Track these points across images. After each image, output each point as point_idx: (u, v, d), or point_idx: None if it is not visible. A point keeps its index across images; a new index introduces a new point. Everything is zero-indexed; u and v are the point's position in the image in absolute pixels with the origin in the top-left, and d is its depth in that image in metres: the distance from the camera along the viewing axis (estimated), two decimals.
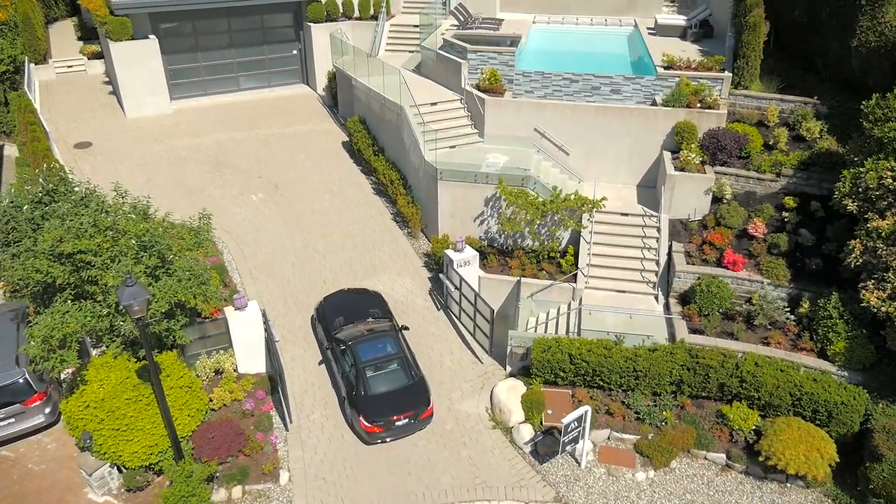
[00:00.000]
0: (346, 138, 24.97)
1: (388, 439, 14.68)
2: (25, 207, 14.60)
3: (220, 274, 18.02)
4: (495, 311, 16.30)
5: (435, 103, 21.13)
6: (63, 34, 32.39)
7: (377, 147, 22.73)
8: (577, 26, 27.85)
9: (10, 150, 25.37)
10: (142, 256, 13.93)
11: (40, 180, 15.24)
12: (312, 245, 19.93)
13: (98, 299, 14.09)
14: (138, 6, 24.02)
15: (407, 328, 16.82)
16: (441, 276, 18.33)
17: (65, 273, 13.68)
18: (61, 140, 23.36)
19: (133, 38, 24.41)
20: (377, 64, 22.48)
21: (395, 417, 14.42)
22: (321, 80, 28.05)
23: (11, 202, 14.89)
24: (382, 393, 14.73)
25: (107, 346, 14.71)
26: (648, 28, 26.22)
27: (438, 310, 18.46)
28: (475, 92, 20.59)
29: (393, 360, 15.25)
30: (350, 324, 16.07)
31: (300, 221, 20.74)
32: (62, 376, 15.54)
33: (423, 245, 20.54)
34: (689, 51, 22.86)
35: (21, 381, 14.43)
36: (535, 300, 18.07)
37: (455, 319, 18.07)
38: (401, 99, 20.62)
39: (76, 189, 15.59)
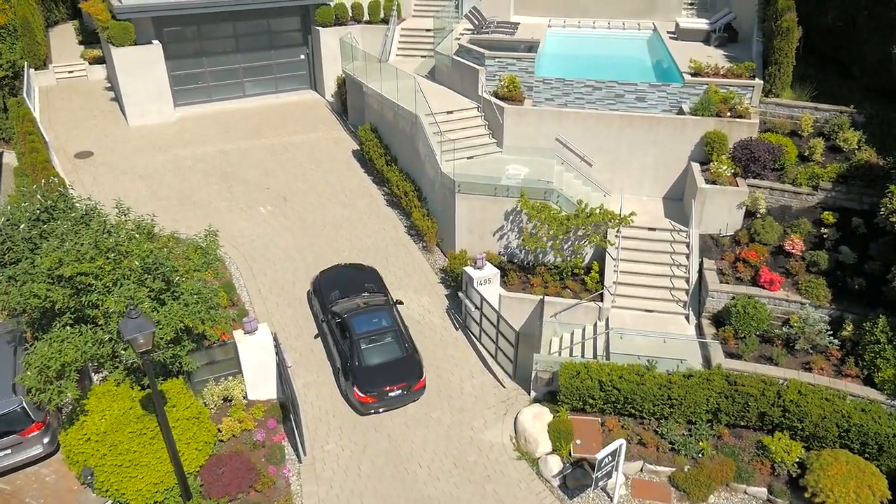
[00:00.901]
0: (357, 147, 24.10)
1: (380, 410, 15.03)
2: (22, 226, 13.73)
3: (228, 292, 17.15)
4: (519, 334, 15.40)
5: (451, 111, 20.25)
6: (64, 38, 31.57)
7: (390, 156, 21.85)
8: (594, 30, 26.96)
9: (10, 158, 24.55)
10: (146, 279, 13.08)
11: (38, 197, 14.37)
12: (324, 260, 19.03)
13: (99, 323, 13.23)
14: (141, 10, 23.16)
15: (401, 303, 17.29)
16: (460, 294, 17.44)
17: (64, 297, 12.85)
18: (61, 149, 22.51)
19: (136, 44, 23.55)
20: (391, 70, 21.59)
21: (388, 388, 14.75)
22: (330, 86, 27.18)
23: (8, 220, 14.03)
24: (376, 364, 15.08)
25: (109, 373, 13.85)
26: (669, 32, 25.34)
27: (457, 329, 17.57)
28: (493, 100, 19.70)
29: (387, 333, 15.58)
30: (345, 297, 16.41)
31: (310, 235, 19.85)
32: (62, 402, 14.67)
33: (439, 260, 19.65)
34: (715, 56, 21.95)
35: (18, 409, 13.57)
36: (559, 320, 17.18)
37: (475, 340, 17.18)
38: (416, 107, 19.74)
39: (77, 205, 14.76)
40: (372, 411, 14.99)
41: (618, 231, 17.30)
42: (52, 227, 13.86)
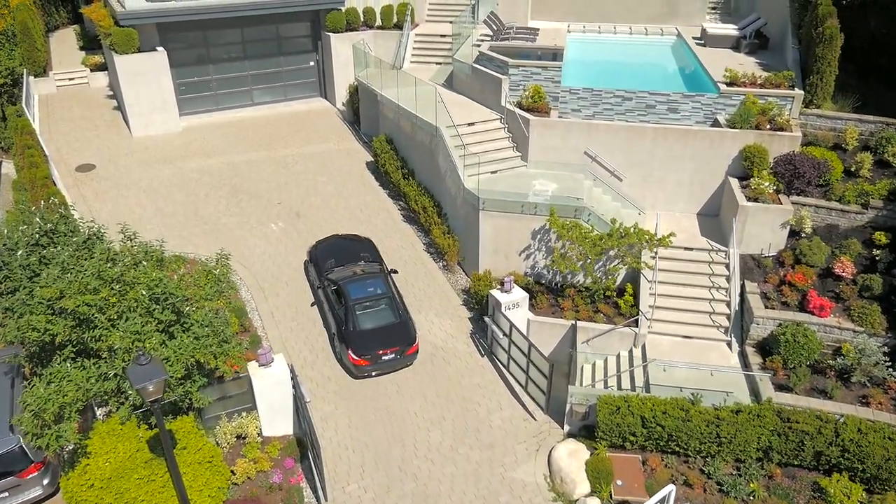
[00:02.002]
0: (371, 158, 23.07)
1: (373, 373, 15.40)
2: (20, 252, 12.69)
3: (239, 317, 16.12)
4: (553, 365, 14.36)
5: (472, 123, 19.22)
6: (64, 43, 30.56)
7: (406, 170, 20.81)
8: (616, 35, 25.99)
9: (8, 168, 23.54)
10: (154, 309, 12.04)
11: (38, 219, 13.34)
12: None
13: (103, 356, 12.19)
14: (146, 16, 22.12)
15: (396, 272, 17.64)
16: (486, 319, 16.40)
17: (65, 329, 11.83)
18: (62, 162, 21.47)
19: (140, 51, 22.51)
20: (408, 79, 20.55)
21: (381, 351, 15.14)
22: (341, 94, 26.15)
23: (5, 244, 13.00)
24: (370, 329, 15.46)
25: (114, 410, 12.81)
26: (694, 38, 24.36)
27: (482, 356, 16.53)
28: (518, 111, 18.66)
29: (381, 300, 15.92)
30: (341, 266, 16.74)
31: None
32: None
33: (461, 280, 18.61)
34: (747, 64, 20.96)
35: (16, 449, 12.56)
36: (592, 346, 16.15)
37: (502, 367, 16.15)
38: (436, 119, 18.71)
39: (79, 228, 13.73)
40: (365, 374, 15.41)
41: (655, 253, 16.25)
42: (53, 253, 12.84)
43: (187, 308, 12.47)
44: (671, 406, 13.58)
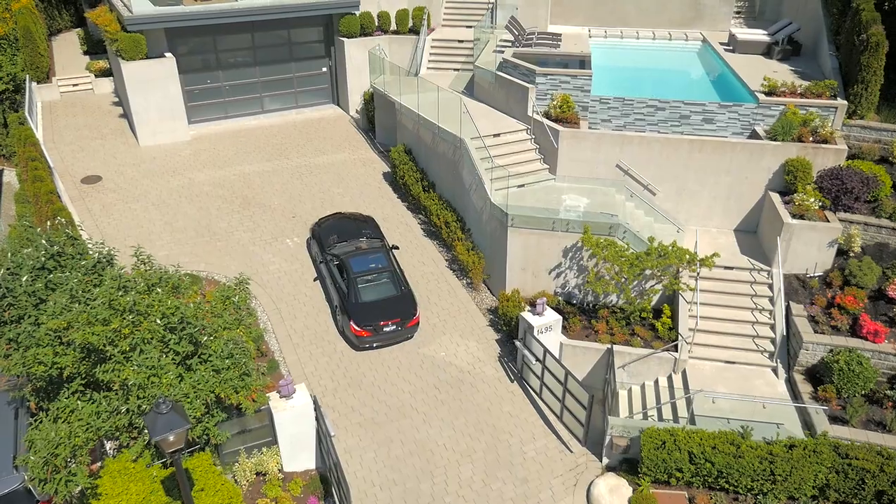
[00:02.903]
0: (387, 168, 22.20)
1: (374, 344, 15.62)
2: (25, 278, 11.80)
3: (256, 341, 15.23)
4: (593, 396, 13.48)
5: (498, 134, 18.34)
6: (67, 48, 29.68)
7: (427, 182, 19.93)
8: (639, 41, 25.18)
9: (10, 177, 22.69)
10: (169, 340, 11.17)
11: (43, 241, 12.45)
12: None
13: (114, 387, 11.32)
14: (154, 21, 21.25)
15: (397, 248, 17.94)
16: (517, 343, 15.52)
17: (74, 361, 10.99)
18: (66, 173, 20.57)
19: (147, 57, 21.64)
20: (430, 87, 19.65)
21: (383, 323, 15.37)
22: (354, 101, 25.29)
23: (8, 269, 12.11)
24: (372, 301, 15.73)
25: (125, 446, 11.93)
26: (721, 43, 23.53)
27: (512, 381, 15.66)
28: (546, 122, 17.78)
29: (383, 273, 16.22)
30: (343, 241, 17.03)
31: None
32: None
33: (487, 299, 17.73)
34: (781, 71, 20.12)
35: (20, 489, 11.71)
36: (629, 371, 15.28)
37: (534, 394, 15.28)
38: (461, 130, 17.83)
39: (88, 250, 12.84)
40: (367, 346, 15.62)
41: (696, 274, 15.35)
42: (60, 279, 11.95)
43: (205, 338, 11.60)
44: (721, 440, 12.72)
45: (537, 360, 14.85)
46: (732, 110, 17.65)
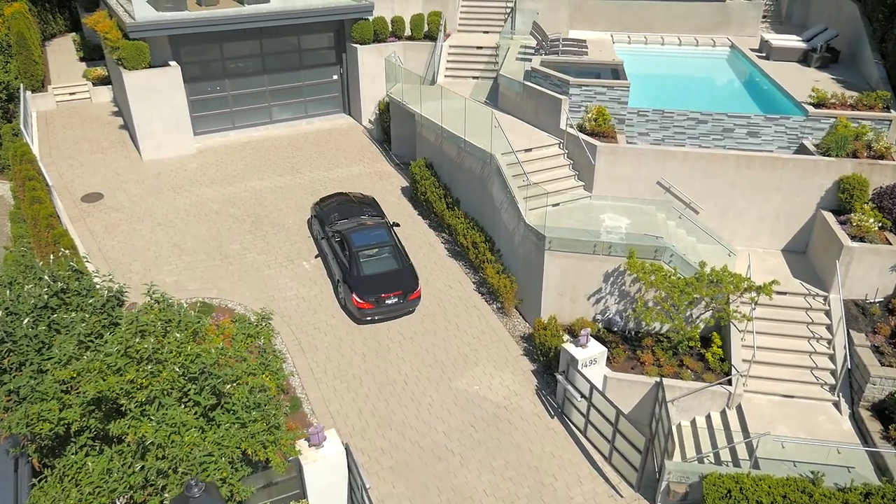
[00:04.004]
0: (405, 183, 21.05)
1: (376, 317, 15.78)
2: (26, 321, 10.59)
3: (276, 377, 14.02)
4: (650, 440, 12.38)
5: (529, 149, 17.22)
6: (63, 54, 28.41)
7: (451, 199, 18.78)
8: (664, 47, 24.17)
9: (3, 190, 21.38)
10: (189, 390, 9.99)
11: (46, 277, 11.23)
12: (384, 329, 15.98)
13: (127, 440, 10.13)
14: (158, 28, 19.99)
15: (398, 224, 18.13)
16: (559, 377, 14.40)
17: (83, 414, 9.83)
18: (65, 191, 19.30)
19: (151, 66, 20.39)
20: (455, 99, 18.47)
21: (384, 295, 15.53)
22: (367, 110, 24.11)
23: (7, 309, 10.88)
24: (374, 274, 15.89)
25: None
26: (752, 49, 22.54)
27: (552, 417, 14.55)
28: (582, 136, 16.67)
29: (384, 248, 16.41)
30: (345, 219, 17.18)
31: None
32: None
33: (519, 325, 16.61)
34: (823, 80, 19.13)
35: None
36: (679, 406, 14.19)
37: (577, 431, 14.17)
38: (491, 145, 16.70)
39: (95, 284, 11.63)
40: (368, 318, 15.76)
41: (754, 304, 14.25)
42: (65, 320, 10.75)
43: (228, 386, 10.43)
44: (791, 488, 11.65)
45: (582, 396, 13.74)
46: (779, 123, 16.63)
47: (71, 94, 25.19)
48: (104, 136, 22.48)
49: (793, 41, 21.34)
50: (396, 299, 15.68)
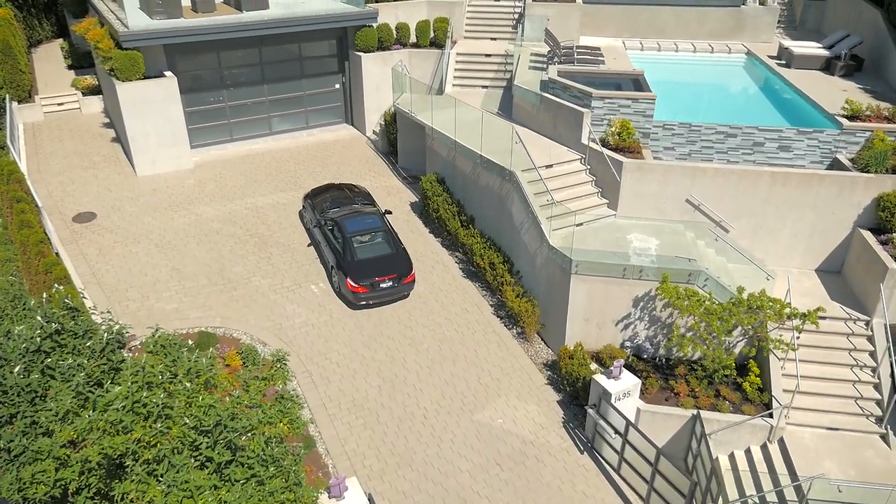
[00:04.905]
0: (414, 198, 20.12)
1: (371, 301, 15.82)
2: (17, 368, 9.55)
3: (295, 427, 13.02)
4: (696, 485, 11.52)
5: (550, 165, 16.35)
6: (50, 61, 27.23)
7: (465, 216, 17.87)
8: (678, 53, 23.40)
9: None
10: (201, 444, 9.01)
11: (38, 318, 10.19)
12: (400, 358, 15.04)
13: (130, 497, 9.13)
14: (153, 37, 18.93)
15: (390, 212, 18.31)
16: (589, 411, 13.54)
17: (83, 472, 8.85)
18: (55, 210, 18.18)
19: (146, 77, 19.32)
20: (470, 112, 17.57)
21: (379, 279, 15.65)
22: (371, 121, 23.15)
23: None
24: (368, 258, 16.06)
25: None
26: (771, 57, 21.83)
27: (581, 452, 13.68)
28: (606, 152, 15.81)
29: (377, 233, 16.57)
30: (337, 208, 17.29)
31: (377, 323, 15.82)
32: None
33: (542, 352, 15.74)
34: (850, 90, 18.43)
35: None
36: (716, 439, 13.36)
37: (609, 468, 13.31)
38: (511, 161, 15.80)
39: (94, 323, 10.60)
40: (363, 303, 15.81)
41: (798, 333, 13.44)
42: (60, 366, 9.72)
43: (243, 438, 9.46)
44: None
45: (616, 432, 12.88)
46: (812, 137, 15.88)
47: (59, 104, 24.03)
48: (95, 150, 21.36)
49: (814, 48, 20.64)
50: (391, 283, 15.79)
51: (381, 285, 15.69)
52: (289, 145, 22.66)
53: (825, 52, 20.18)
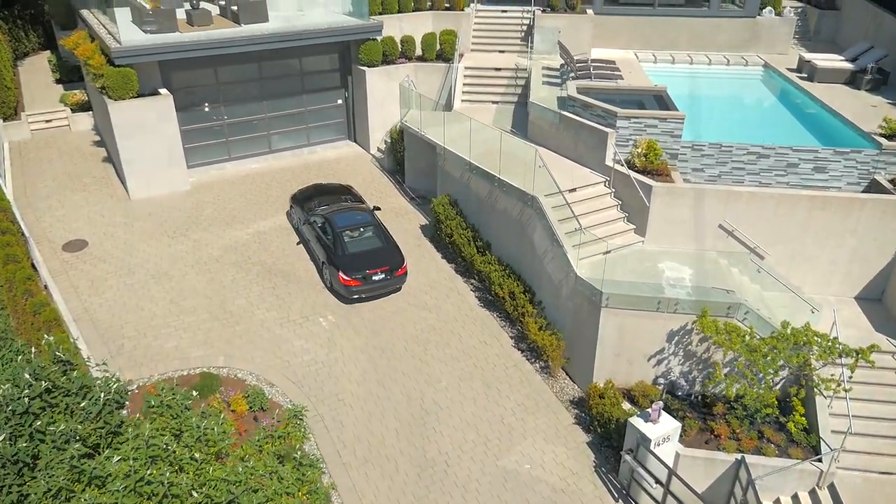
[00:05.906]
0: (424, 220, 19.14)
1: (363, 295, 15.76)
2: (2, 437, 8.46)
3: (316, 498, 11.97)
4: None
5: (574, 189, 15.42)
6: (37, 74, 26.09)
7: (481, 242, 16.90)
8: (693, 66, 22.60)
9: None
10: None
11: (27, 375, 9.10)
12: (417, 397, 14.03)
13: None
14: (147, 53, 17.88)
15: (379, 209, 18.29)
16: (626, 456, 12.58)
17: None
18: (44, 238, 17.04)
19: (140, 95, 18.24)
20: (487, 133, 16.63)
21: (371, 271, 15.56)
22: (375, 138, 22.17)
23: None
24: (359, 252, 16.01)
25: None
26: (790, 69, 21.09)
27: (616, 500, 12.71)
28: (633, 175, 14.91)
29: (368, 227, 16.64)
30: (325, 205, 17.35)
31: (391, 358, 14.80)
32: None
33: (567, 388, 14.78)
34: (880, 105, 17.68)
35: None
36: (762, 485, 12.44)
37: None
38: (533, 186, 14.87)
39: (94, 382, 9.50)
40: (356, 296, 15.73)
41: (851, 371, 12.55)
42: (50, 430, 8.64)
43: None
44: None
45: (657, 482, 11.93)
46: (849, 158, 15.08)
47: (47, 121, 22.90)
48: (86, 171, 20.22)
49: (838, 61, 19.90)
50: (383, 275, 15.74)
51: (374, 278, 15.62)
52: (290, 164, 21.62)
53: (850, 66, 19.45)
